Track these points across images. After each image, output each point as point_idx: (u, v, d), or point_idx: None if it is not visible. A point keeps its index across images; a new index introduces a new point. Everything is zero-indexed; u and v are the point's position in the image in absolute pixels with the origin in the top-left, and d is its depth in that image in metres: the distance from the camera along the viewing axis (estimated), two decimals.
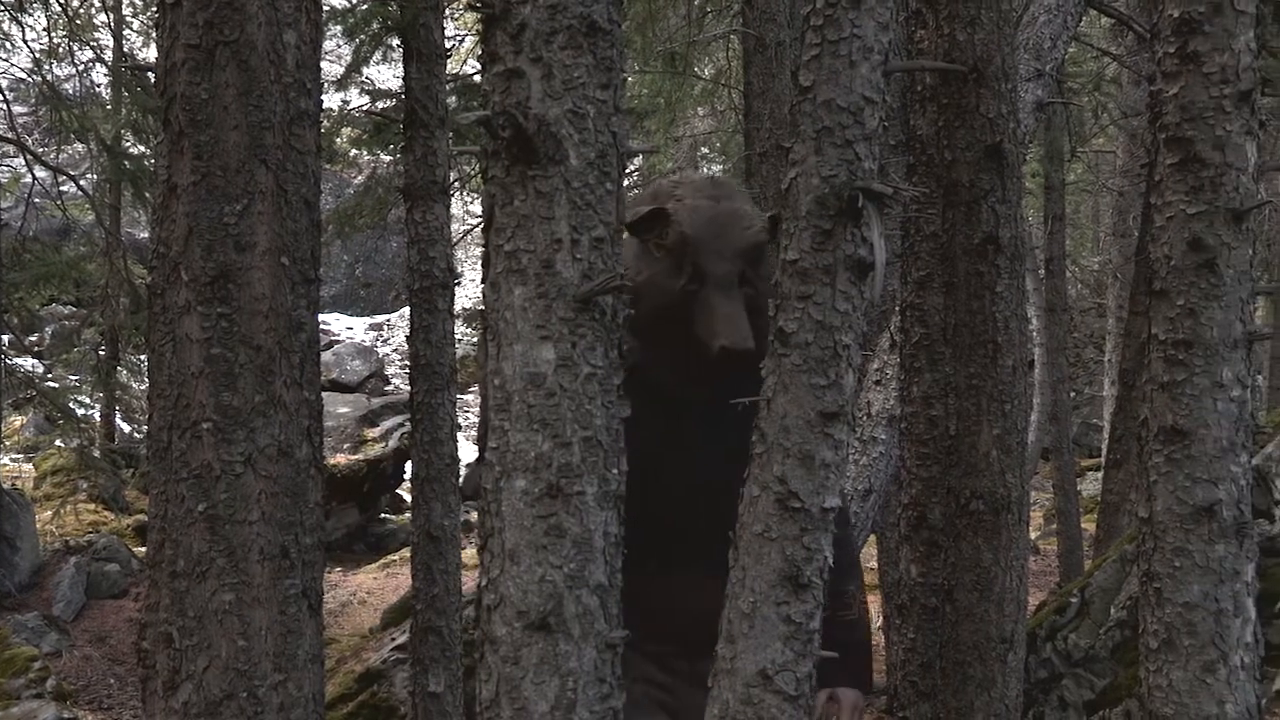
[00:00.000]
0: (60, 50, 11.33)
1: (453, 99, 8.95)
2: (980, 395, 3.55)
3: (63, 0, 10.89)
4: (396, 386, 22.44)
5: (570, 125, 1.94)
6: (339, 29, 8.49)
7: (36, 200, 11.06)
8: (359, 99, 11.89)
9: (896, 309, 4.38)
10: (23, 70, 10.80)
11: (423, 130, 6.65)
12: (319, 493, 2.94)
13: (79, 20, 11.55)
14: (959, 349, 3.57)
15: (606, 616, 1.98)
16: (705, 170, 17.49)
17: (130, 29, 14.49)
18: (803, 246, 1.99)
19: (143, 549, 9.62)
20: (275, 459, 2.80)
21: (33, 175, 10.53)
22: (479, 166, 2.13)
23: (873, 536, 8.08)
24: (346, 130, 11.65)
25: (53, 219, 15.96)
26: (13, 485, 12.35)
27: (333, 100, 12.60)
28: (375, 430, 18.45)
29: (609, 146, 1.98)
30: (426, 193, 6.64)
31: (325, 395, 3.34)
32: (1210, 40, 2.64)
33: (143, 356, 11.32)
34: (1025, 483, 3.68)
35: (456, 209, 17.38)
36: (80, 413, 13.48)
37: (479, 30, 2.10)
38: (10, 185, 14.50)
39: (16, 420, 16.68)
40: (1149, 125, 2.86)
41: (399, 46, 7.15)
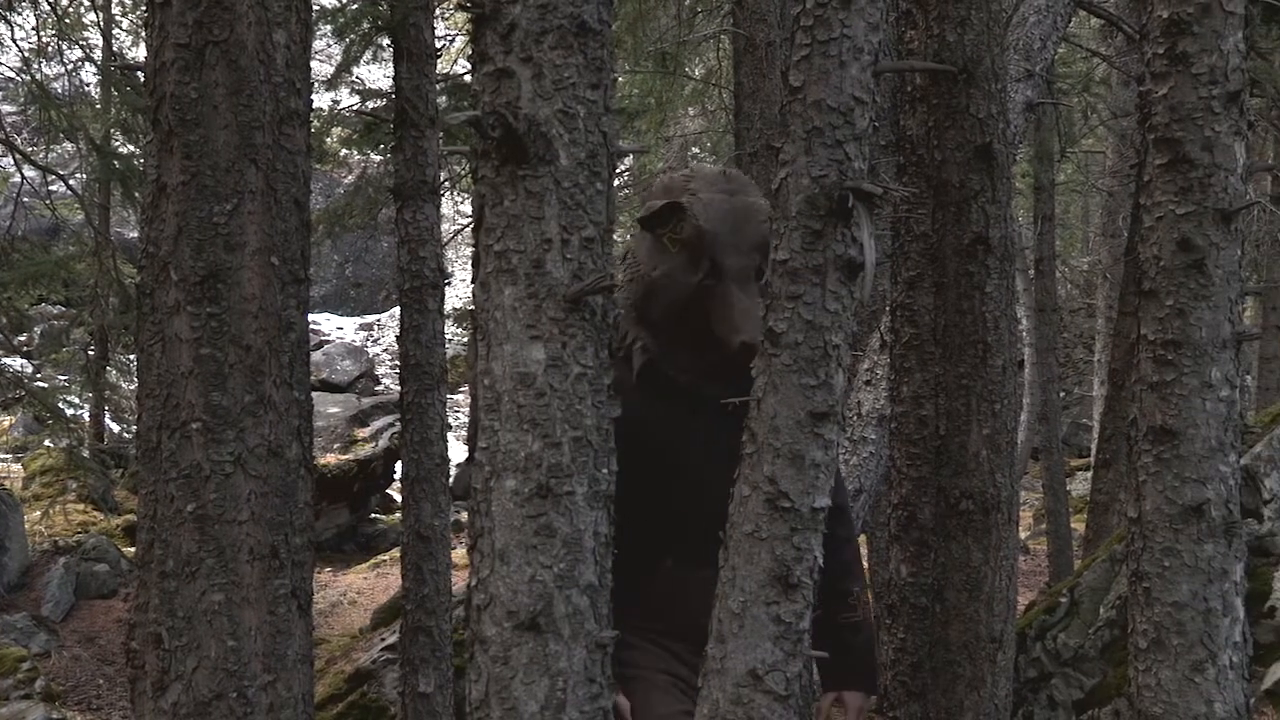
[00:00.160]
0: (49, 49, 11.29)
1: (443, 99, 8.94)
2: (970, 395, 3.55)
3: None
4: (387, 386, 22.44)
5: (560, 125, 1.94)
6: (329, 28, 8.47)
7: (25, 199, 11.03)
8: (349, 99, 11.90)
9: (887, 309, 4.39)
10: (11, 69, 10.77)
11: (413, 130, 6.64)
12: (309, 493, 2.94)
13: (68, 19, 11.52)
14: (949, 349, 3.57)
15: (596, 616, 1.98)
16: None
17: (119, 28, 14.47)
18: (793, 246, 1.99)
19: (132, 549, 9.60)
20: (265, 459, 2.80)
21: (21, 174, 10.49)
22: (469, 166, 2.13)
23: (863, 536, 8.09)
24: (337, 130, 11.62)
25: (42, 218, 15.93)
26: (1, 485, 12.31)
27: (323, 100, 12.61)
28: (365, 430, 18.44)
29: (599, 146, 1.98)
30: (417, 193, 6.63)
31: (315, 395, 3.34)
32: (1199, 41, 2.64)
33: (132, 356, 11.28)
34: (1015, 483, 3.68)
35: (447, 209, 17.36)
36: (69, 413, 13.45)
37: (469, 30, 2.09)
38: None
39: (5, 420, 16.66)
40: (1138, 126, 2.87)
41: (389, 46, 7.14)
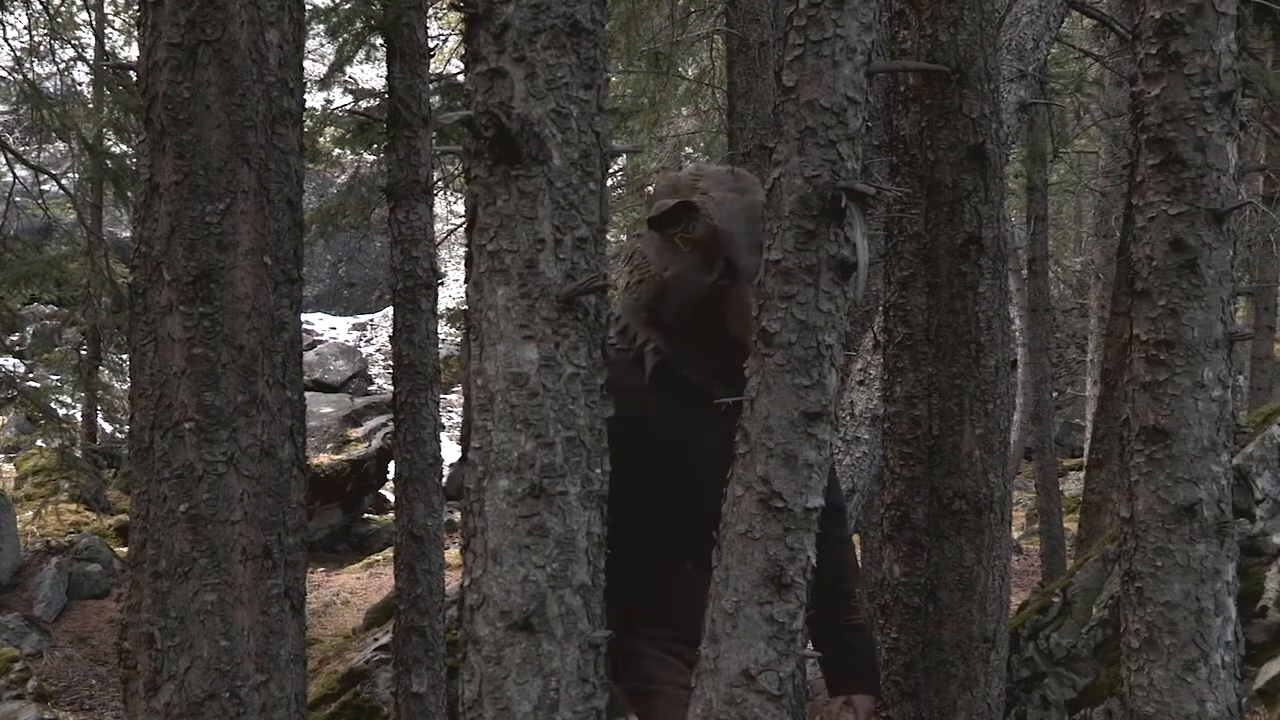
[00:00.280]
0: (41, 48, 11.28)
1: (436, 98, 8.93)
2: (963, 395, 3.55)
3: None
4: (380, 386, 22.41)
5: (553, 125, 1.94)
6: (322, 28, 8.47)
7: (18, 199, 11.00)
8: (342, 98, 11.87)
9: (880, 309, 4.39)
10: (3, 68, 10.74)
11: (406, 130, 6.64)
12: (302, 493, 2.93)
13: (60, 18, 11.50)
14: (942, 349, 3.57)
15: (590, 616, 1.98)
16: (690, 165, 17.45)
17: (112, 27, 14.45)
18: (786, 246, 1.99)
19: (124, 549, 9.58)
20: (258, 459, 2.79)
21: (14, 174, 10.48)
22: (462, 166, 2.13)
23: (856, 536, 8.10)
24: (330, 129, 11.62)
25: (34, 218, 15.88)
26: None
27: (316, 99, 12.58)
28: (358, 430, 18.40)
29: (592, 146, 1.98)
30: (410, 192, 6.64)
31: (308, 395, 3.33)
32: (1191, 41, 2.65)
33: (124, 356, 11.27)
34: (1008, 482, 3.68)
35: (440, 209, 17.37)
36: (62, 412, 13.43)
37: (462, 30, 2.09)
38: None
39: None
40: (1130, 126, 2.87)
41: (382, 46, 7.14)
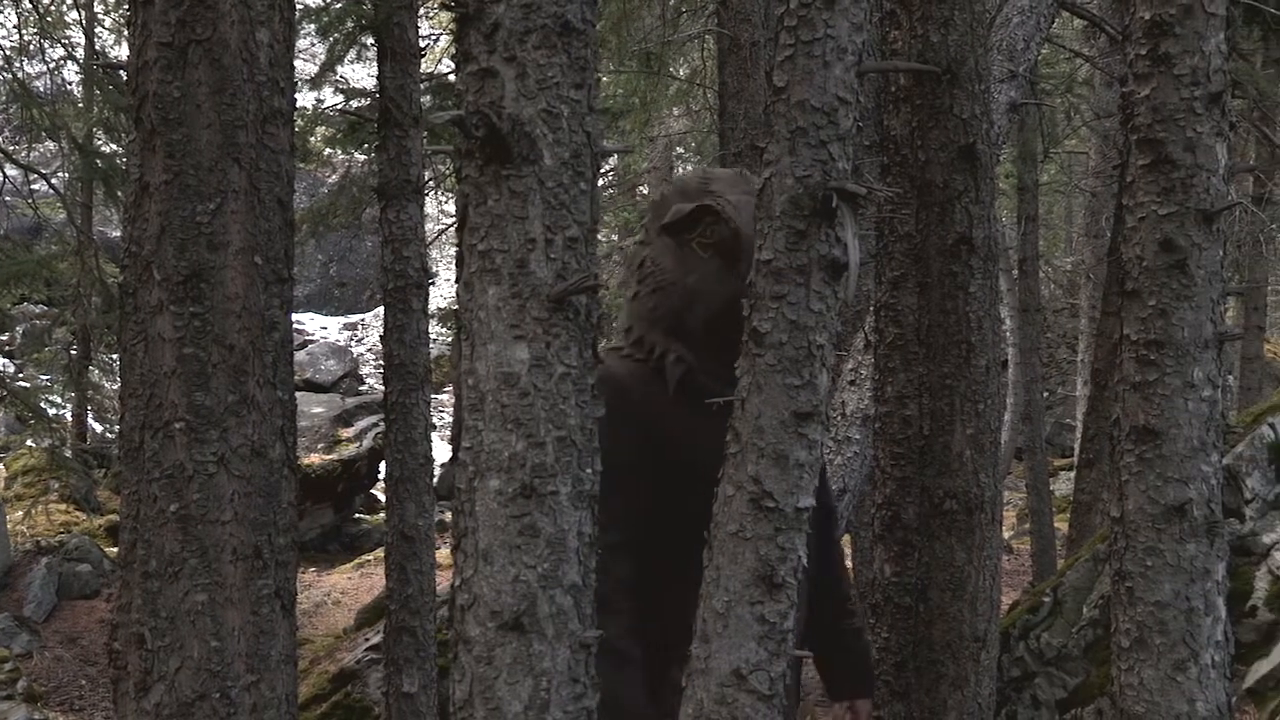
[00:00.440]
0: (31, 47, 11.25)
1: (427, 98, 8.94)
2: (954, 395, 3.56)
3: None
4: (371, 386, 22.41)
5: (544, 125, 1.93)
6: (313, 27, 8.46)
7: (7, 199, 10.98)
8: (333, 98, 11.88)
9: (870, 309, 4.39)
10: None
11: (397, 129, 6.64)
12: (292, 493, 2.93)
13: (50, 17, 11.48)
14: (933, 349, 3.58)
15: (580, 616, 1.97)
16: (684, 168, 17.50)
17: (102, 26, 14.43)
18: (777, 246, 2.00)
19: (115, 549, 9.57)
20: (248, 459, 2.79)
21: (3, 173, 10.45)
22: (453, 166, 2.13)
23: (847, 536, 8.11)
24: (321, 129, 11.61)
25: (24, 217, 15.88)
26: None
27: (307, 99, 12.57)
28: (349, 430, 18.42)
29: (583, 146, 1.98)
30: (401, 192, 6.63)
31: (299, 395, 3.33)
32: (1181, 42, 2.65)
33: (115, 356, 11.24)
34: (998, 482, 3.69)
35: (431, 208, 17.36)
36: (52, 412, 13.41)
37: (453, 29, 2.09)
38: None
39: None
40: (1121, 126, 2.88)
41: (373, 45, 7.14)
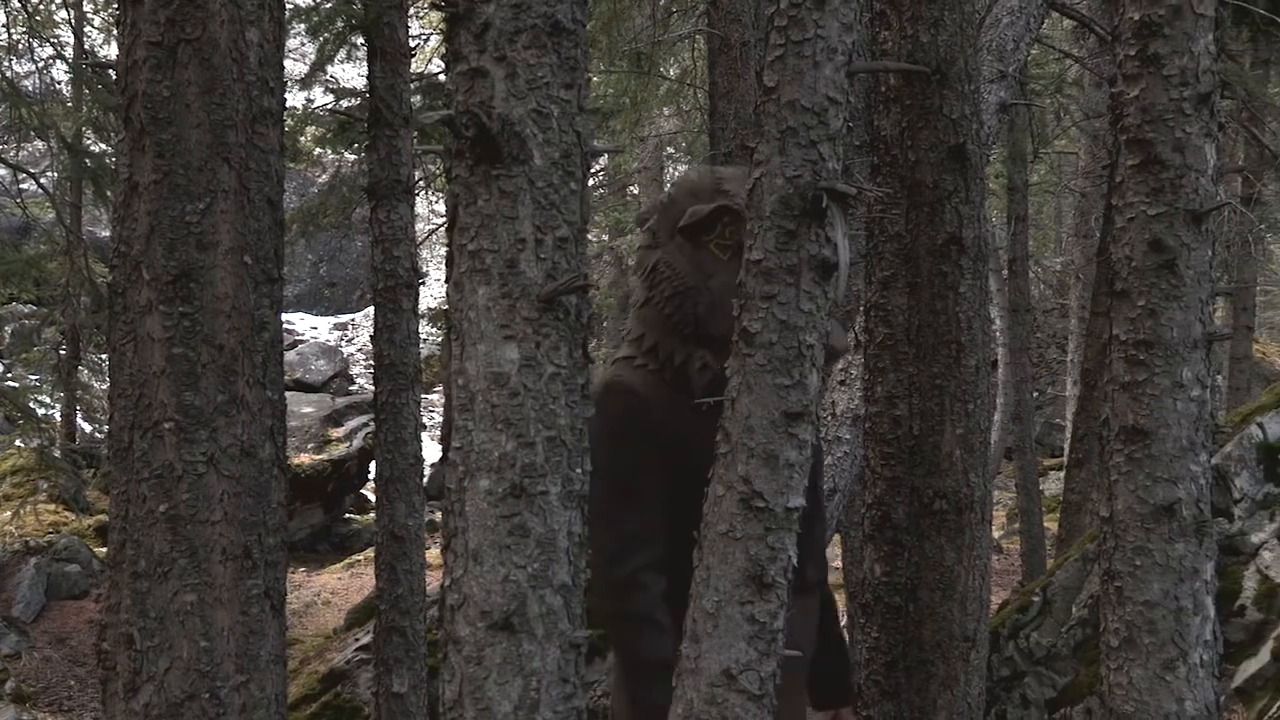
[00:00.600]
0: (20, 46, 11.22)
1: (417, 98, 8.92)
2: (944, 395, 3.56)
3: None
4: (361, 386, 22.39)
5: (534, 125, 1.93)
6: (303, 27, 8.46)
7: None
8: (323, 97, 11.84)
9: (861, 309, 4.39)
10: None
11: (387, 129, 6.63)
12: (282, 493, 2.92)
13: (39, 16, 11.45)
14: (923, 349, 3.58)
15: (570, 616, 1.97)
16: (675, 168, 17.52)
17: (91, 25, 14.39)
18: (767, 246, 2.00)
19: (104, 550, 9.55)
20: (238, 459, 2.78)
21: None
22: (443, 166, 2.12)
23: (837, 536, 8.12)
24: (311, 129, 11.60)
25: (12, 217, 15.83)
26: None
27: (297, 99, 12.54)
28: (339, 430, 18.37)
29: (573, 146, 1.98)
30: (391, 192, 6.63)
31: (289, 395, 3.33)
32: (1170, 43, 2.66)
33: (104, 356, 11.22)
34: (988, 482, 3.69)
35: (421, 208, 17.35)
36: (41, 412, 13.37)
37: (443, 29, 2.09)
38: None
39: None
40: (1110, 127, 2.88)
41: (363, 45, 7.13)
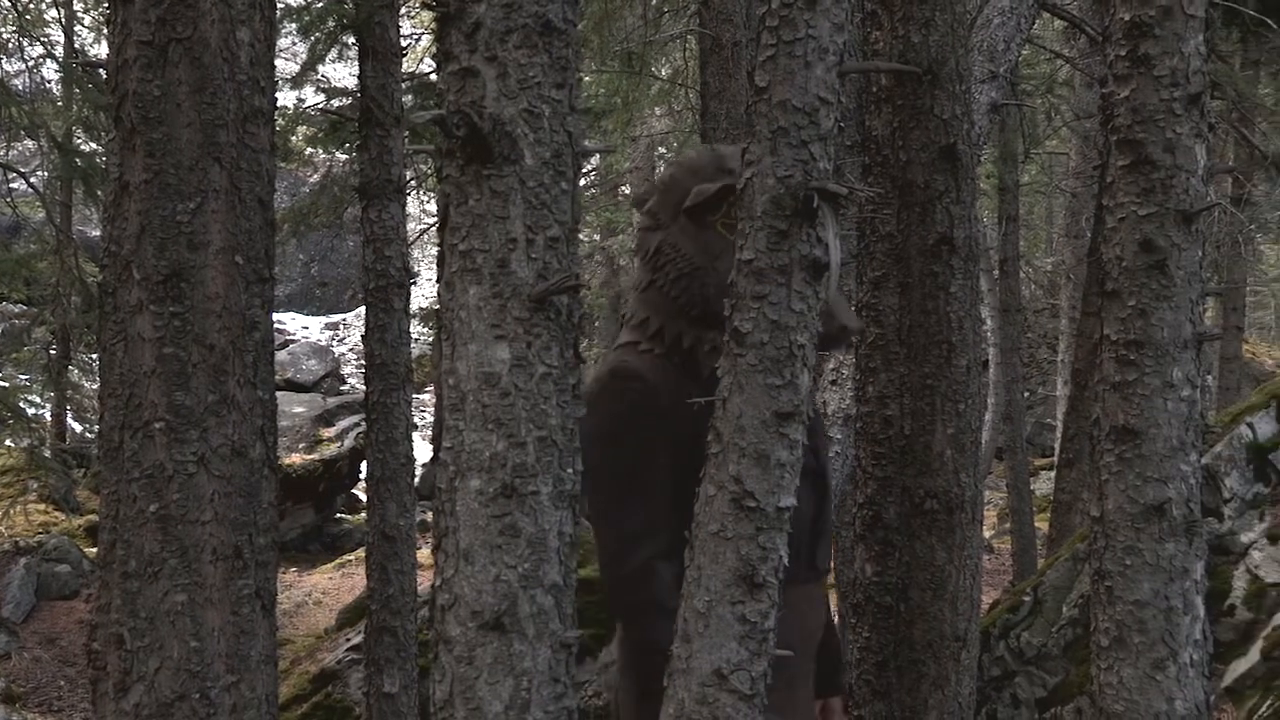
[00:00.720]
0: (10, 45, 11.20)
1: (408, 97, 8.93)
2: (935, 395, 3.57)
3: None
4: (352, 386, 22.38)
5: (525, 124, 1.93)
6: (294, 26, 8.45)
7: None
8: (314, 97, 11.85)
9: (852, 309, 4.39)
10: None
11: (378, 129, 6.63)
12: (273, 492, 2.92)
13: (29, 15, 11.43)
14: (914, 349, 3.59)
15: (561, 616, 1.97)
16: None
17: (81, 25, 14.38)
18: (758, 246, 2.00)
19: (94, 550, 9.54)
20: (228, 459, 2.78)
21: None
22: (434, 165, 2.12)
23: None
24: (302, 128, 11.58)
25: (2, 216, 15.77)
26: None
27: (288, 98, 12.55)
28: (331, 430, 18.35)
29: (564, 146, 1.98)
30: (382, 191, 6.62)
31: (281, 395, 3.33)
32: (1160, 44, 2.66)
33: (94, 355, 11.20)
34: (979, 482, 3.70)
35: (413, 208, 17.33)
36: (31, 412, 13.33)
37: (434, 29, 2.09)
38: None
39: None
40: (1101, 127, 2.89)
41: (354, 44, 7.13)
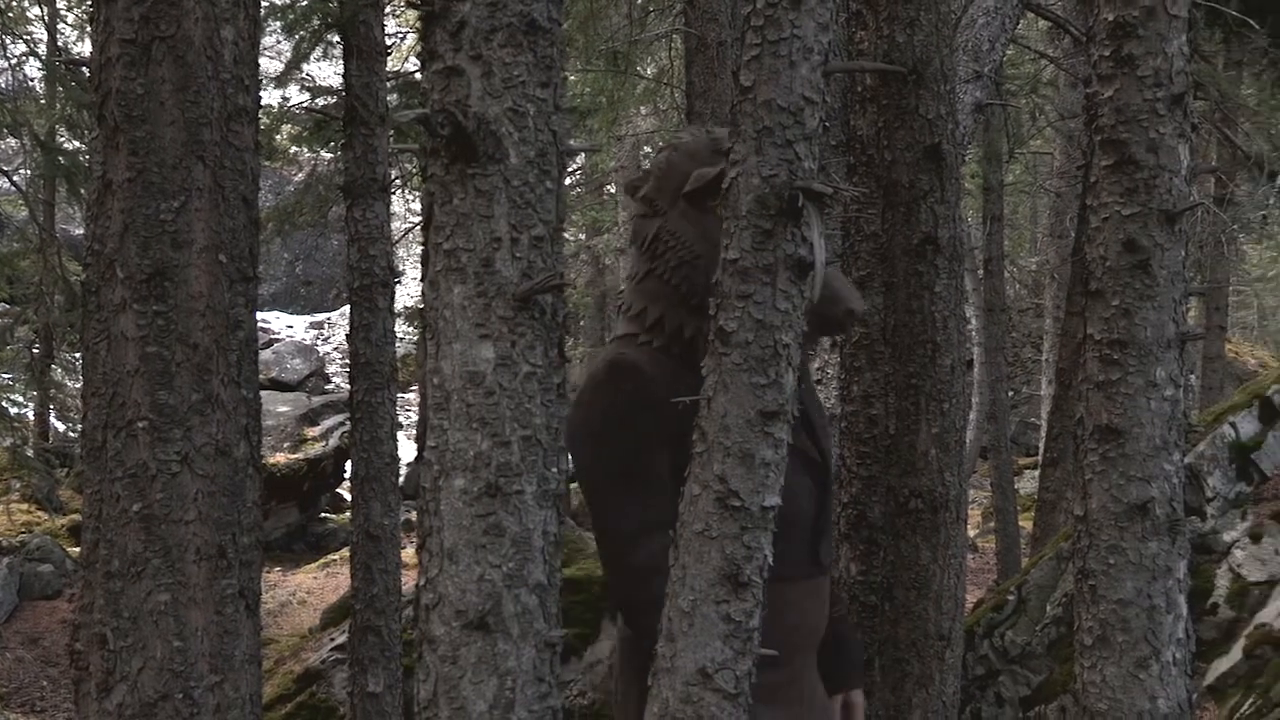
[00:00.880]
0: None
1: (393, 96, 8.92)
2: (919, 394, 3.57)
3: None
4: (337, 385, 22.36)
5: (510, 123, 1.93)
6: (278, 25, 8.43)
7: None
8: (299, 96, 11.84)
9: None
10: None
11: (363, 128, 6.61)
12: (257, 492, 2.91)
13: (11, 13, 11.38)
14: (898, 348, 3.59)
15: (545, 615, 1.97)
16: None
17: (64, 22, 14.33)
18: (743, 246, 2.00)
19: (77, 549, 9.50)
20: (212, 458, 2.77)
21: None
22: (419, 164, 2.12)
23: None
24: (286, 127, 11.57)
25: None
26: None
27: (272, 97, 12.52)
28: (315, 429, 18.33)
29: (549, 145, 1.98)
30: (367, 190, 6.61)
31: (265, 394, 3.32)
32: (1144, 44, 2.67)
33: (77, 354, 11.17)
34: (963, 481, 3.71)
35: (397, 207, 17.33)
36: (14, 411, 13.29)
37: (419, 27, 2.08)
38: None
39: None
40: (1085, 127, 2.90)
41: (339, 43, 7.11)
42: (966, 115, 5.13)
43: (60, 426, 15.94)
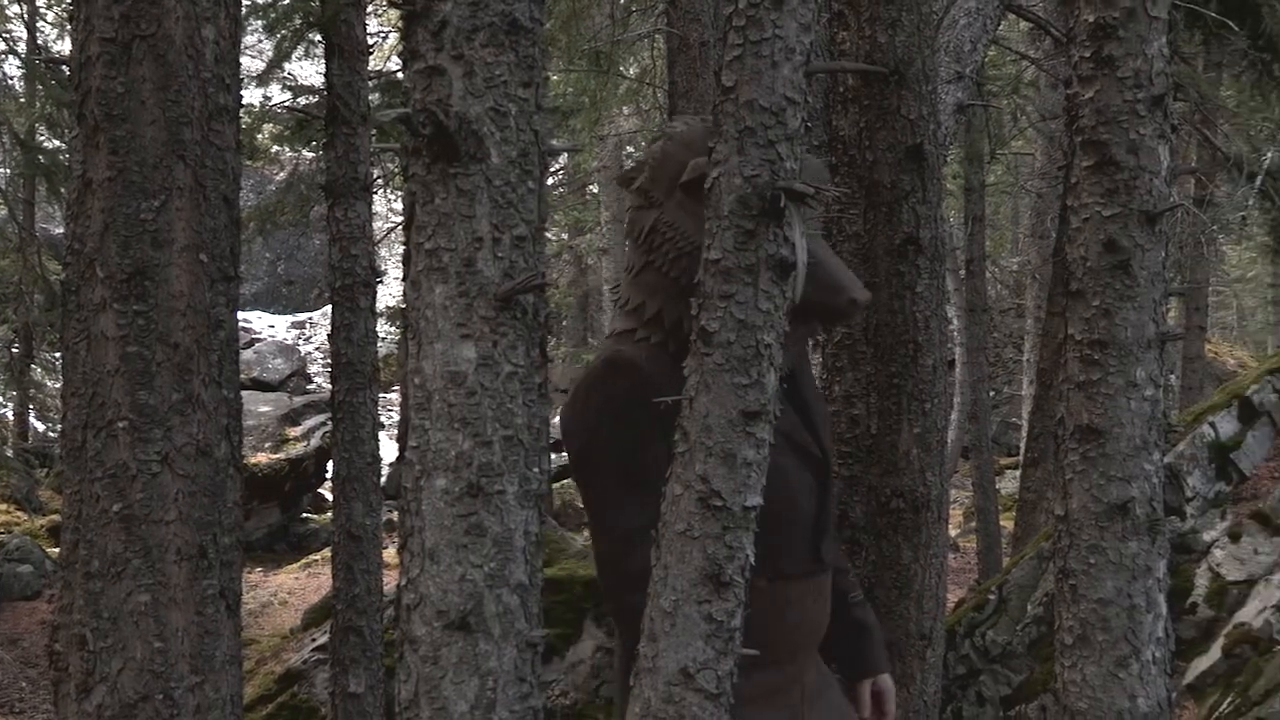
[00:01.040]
0: None
1: (375, 96, 8.90)
2: (901, 394, 3.58)
3: None
4: (319, 385, 22.31)
5: (492, 123, 1.93)
6: (260, 24, 8.41)
7: None
8: (280, 95, 11.81)
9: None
10: None
11: (344, 127, 6.60)
12: (238, 492, 2.91)
13: None
14: (880, 348, 3.60)
15: (527, 616, 1.97)
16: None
17: (44, 21, 14.28)
18: (725, 246, 2.00)
19: (56, 550, 9.47)
20: (193, 458, 2.77)
21: None
22: (400, 164, 2.11)
23: None
24: (268, 126, 11.54)
25: None
26: None
27: (254, 96, 12.50)
28: (297, 429, 18.28)
29: (531, 145, 1.97)
30: (348, 190, 6.60)
31: (247, 394, 3.31)
32: (1124, 45, 2.68)
33: (57, 354, 11.12)
34: (945, 481, 3.71)
35: (379, 206, 17.29)
36: None
37: (401, 27, 2.08)
38: None
39: None
40: (1066, 128, 2.90)
41: (321, 42, 7.10)
42: (948, 116, 5.14)
43: (40, 426, 15.89)
